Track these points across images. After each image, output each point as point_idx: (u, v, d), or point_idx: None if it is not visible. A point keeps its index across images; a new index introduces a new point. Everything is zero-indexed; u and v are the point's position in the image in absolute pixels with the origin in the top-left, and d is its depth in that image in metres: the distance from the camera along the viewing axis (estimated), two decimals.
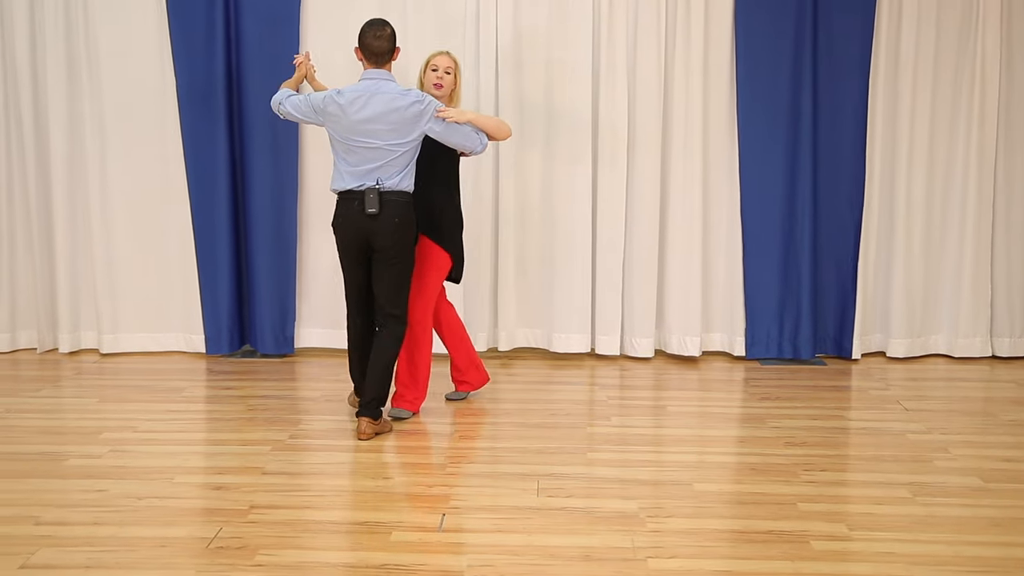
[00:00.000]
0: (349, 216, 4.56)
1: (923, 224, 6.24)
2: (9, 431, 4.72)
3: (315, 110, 4.62)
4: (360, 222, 4.54)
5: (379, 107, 4.49)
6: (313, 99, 4.62)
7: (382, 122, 4.49)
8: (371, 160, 4.52)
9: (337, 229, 4.64)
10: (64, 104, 6.10)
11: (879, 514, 3.74)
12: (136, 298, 6.29)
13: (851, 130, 6.11)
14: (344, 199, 4.59)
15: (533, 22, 6.06)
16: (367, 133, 4.49)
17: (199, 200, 6.10)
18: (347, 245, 4.63)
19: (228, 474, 4.15)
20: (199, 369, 5.96)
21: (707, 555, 3.37)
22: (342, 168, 4.59)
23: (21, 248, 6.30)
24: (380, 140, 4.50)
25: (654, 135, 6.09)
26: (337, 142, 4.59)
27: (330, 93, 4.56)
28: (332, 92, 4.57)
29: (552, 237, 6.20)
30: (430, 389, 5.47)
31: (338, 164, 4.61)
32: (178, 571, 3.24)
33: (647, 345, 6.24)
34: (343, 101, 4.51)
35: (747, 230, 6.16)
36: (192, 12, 5.96)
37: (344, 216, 4.58)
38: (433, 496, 3.91)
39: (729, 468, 4.25)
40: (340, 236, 4.63)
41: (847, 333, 6.24)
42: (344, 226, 4.59)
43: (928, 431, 4.81)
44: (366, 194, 4.51)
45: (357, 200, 4.53)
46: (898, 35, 6.08)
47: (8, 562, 3.30)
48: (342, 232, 4.61)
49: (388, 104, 4.49)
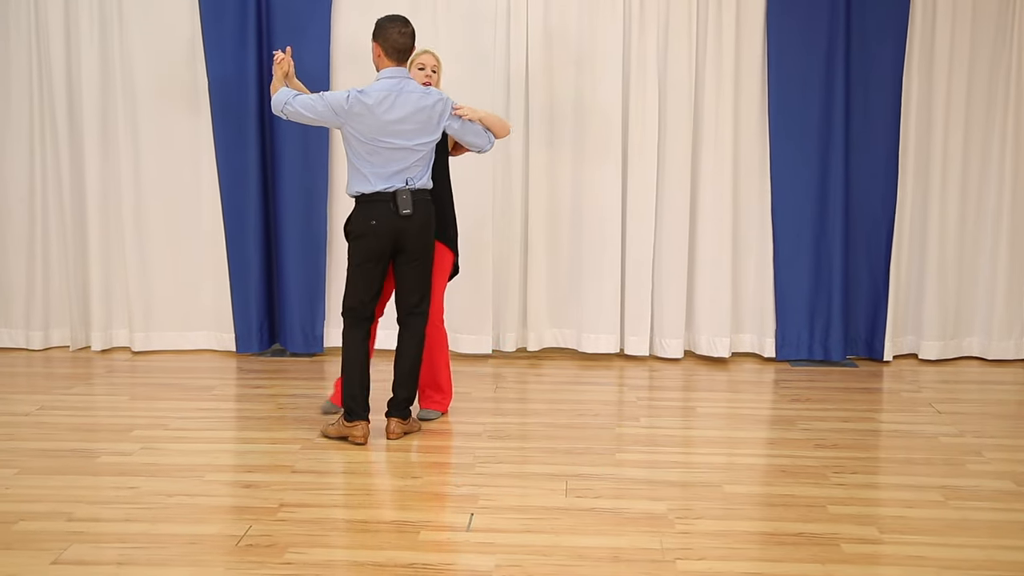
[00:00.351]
0: (381, 218, 4.43)
1: (957, 224, 6.17)
2: (42, 428, 4.77)
3: (334, 111, 4.41)
4: (394, 223, 4.45)
5: (408, 107, 4.44)
6: (332, 99, 4.42)
7: (411, 122, 4.45)
8: (397, 161, 4.45)
9: (365, 233, 4.45)
10: (97, 104, 6.15)
11: (911, 517, 3.71)
12: (167, 297, 6.34)
13: (884, 128, 6.05)
14: (371, 201, 4.45)
15: (563, 21, 6.05)
16: (395, 134, 4.43)
17: (230, 200, 6.14)
18: (377, 248, 4.47)
19: (258, 472, 4.17)
20: (229, 368, 6.00)
21: (736, 557, 3.35)
22: (366, 170, 4.45)
23: (55, 247, 6.37)
24: (407, 140, 4.45)
25: (684, 135, 6.06)
26: (360, 144, 4.44)
27: (353, 92, 4.42)
28: (354, 92, 4.42)
29: (581, 237, 6.19)
30: (456, 388, 5.48)
31: (359, 167, 4.45)
32: (208, 568, 3.26)
33: (676, 346, 6.21)
34: (370, 101, 4.39)
35: (778, 230, 6.12)
36: (224, 14, 5.99)
37: (377, 218, 4.43)
38: (461, 496, 3.91)
39: (759, 470, 4.22)
40: (370, 239, 4.45)
41: (879, 335, 6.19)
42: (376, 229, 4.44)
43: (961, 434, 4.76)
44: (398, 195, 4.44)
45: (388, 202, 4.44)
46: (933, 31, 6.02)
47: (41, 557, 3.33)
48: (374, 235, 4.44)
49: (416, 104, 4.46)
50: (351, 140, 4.46)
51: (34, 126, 6.25)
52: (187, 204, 6.27)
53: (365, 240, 4.47)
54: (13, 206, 6.32)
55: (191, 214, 6.27)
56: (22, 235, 6.34)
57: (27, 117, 6.25)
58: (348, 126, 4.43)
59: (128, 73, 6.13)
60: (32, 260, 6.35)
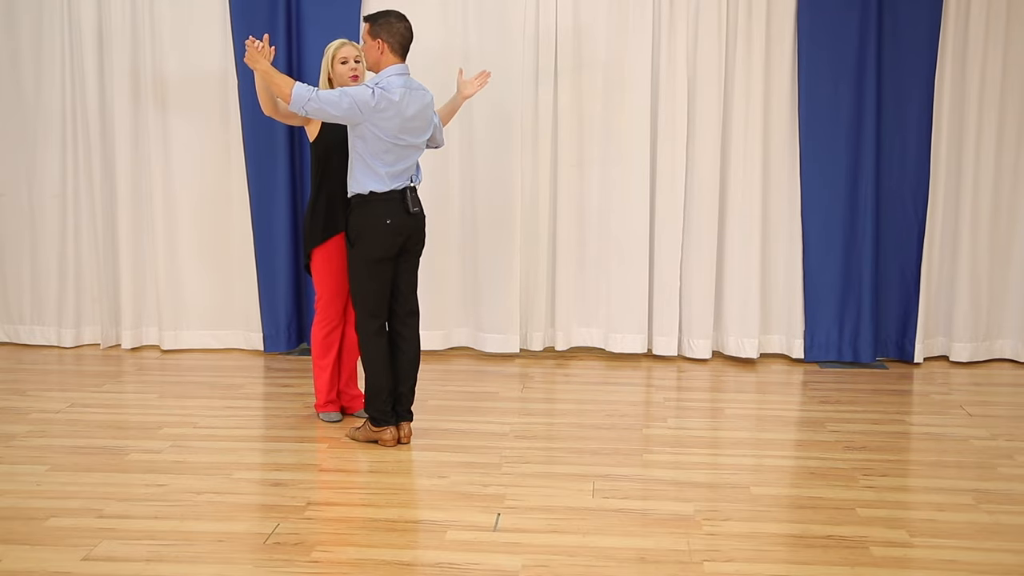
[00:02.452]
0: (395, 217, 4.39)
1: (989, 225, 6.10)
2: (73, 425, 4.81)
3: (359, 107, 4.25)
4: (405, 221, 4.42)
5: (417, 104, 4.40)
6: (356, 95, 4.26)
7: (420, 119, 4.43)
8: (406, 158, 4.42)
9: (383, 232, 4.38)
10: (128, 104, 6.19)
11: (941, 521, 3.67)
12: (197, 296, 6.38)
13: (916, 128, 5.99)
14: (382, 200, 4.37)
15: (592, 21, 6.03)
16: (410, 131, 4.40)
17: (259, 200, 6.16)
18: (392, 246, 4.41)
19: (285, 471, 4.19)
20: (257, 366, 6.03)
21: (764, 559, 3.34)
22: (379, 169, 4.35)
23: (86, 247, 6.42)
24: (417, 138, 4.44)
25: (713, 134, 6.03)
26: (378, 141, 4.32)
27: (376, 89, 4.28)
28: (377, 88, 4.29)
29: (609, 236, 6.18)
30: (483, 387, 5.48)
31: (373, 165, 4.35)
32: (236, 566, 3.28)
33: (704, 346, 6.18)
34: (395, 98, 4.31)
35: (807, 230, 6.08)
36: (255, 16, 6.01)
37: (391, 217, 4.39)
38: (488, 496, 3.91)
39: (787, 472, 4.20)
40: (386, 237, 4.39)
41: (909, 336, 6.13)
42: (392, 228, 4.39)
43: (992, 437, 4.71)
44: (407, 193, 4.43)
45: (399, 200, 4.41)
46: (966, 30, 5.95)
47: (72, 553, 3.36)
48: (391, 234, 4.39)
49: (422, 100, 4.44)
50: (369, 137, 4.34)
51: (66, 126, 6.30)
52: (216, 204, 6.30)
53: (381, 238, 4.39)
54: (46, 204, 6.38)
55: (220, 214, 6.31)
56: (54, 235, 6.40)
57: (59, 117, 6.30)
58: (370, 123, 4.31)
59: (159, 73, 6.17)
60: (64, 259, 6.41)
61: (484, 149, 6.11)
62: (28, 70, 6.29)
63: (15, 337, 6.52)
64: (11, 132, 6.35)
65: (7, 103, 6.33)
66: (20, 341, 6.51)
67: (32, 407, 5.11)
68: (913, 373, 5.97)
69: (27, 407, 5.10)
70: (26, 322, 6.52)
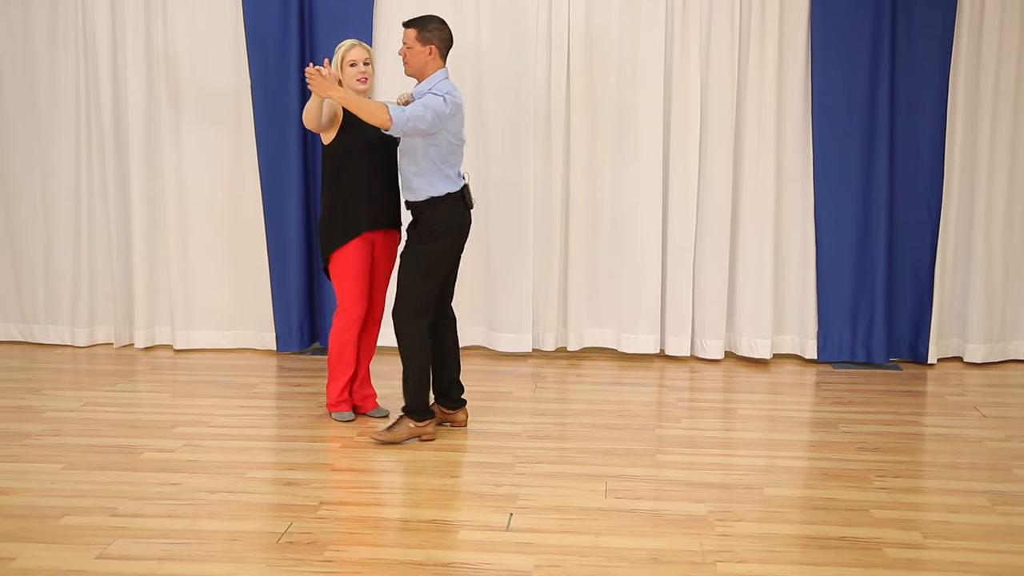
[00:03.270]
0: (466, 213, 4.58)
1: (1004, 225, 6.07)
2: (87, 424, 4.83)
3: (440, 118, 4.34)
4: (469, 217, 4.61)
5: None
6: (436, 107, 4.30)
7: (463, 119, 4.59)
8: (461, 157, 4.60)
9: (462, 224, 4.55)
10: (142, 105, 6.21)
11: (955, 522, 3.66)
12: (209, 296, 6.39)
13: (929, 129, 5.97)
14: (454, 199, 4.51)
15: (605, 21, 6.03)
16: (463, 132, 4.57)
17: (271, 200, 6.17)
18: (464, 239, 4.61)
19: (298, 470, 4.20)
20: (270, 366, 6.04)
21: (777, 560, 3.33)
22: (447, 171, 4.48)
23: (100, 247, 6.44)
24: (464, 137, 4.61)
25: (726, 134, 6.02)
26: (449, 145, 4.45)
27: (447, 96, 4.36)
28: (447, 95, 4.37)
29: (622, 237, 6.17)
30: (495, 387, 5.48)
31: (443, 168, 4.47)
32: (249, 565, 3.29)
33: (717, 347, 6.17)
34: (460, 101, 4.46)
35: (820, 230, 6.06)
36: (267, 16, 6.02)
37: (464, 214, 4.55)
38: (501, 495, 3.91)
39: (800, 473, 4.19)
40: (463, 230, 4.57)
41: (923, 337, 6.11)
42: (464, 224, 4.57)
43: (1007, 438, 4.69)
44: (466, 190, 4.59)
45: (464, 197, 4.57)
46: (980, 30, 5.93)
47: (86, 552, 3.38)
48: (465, 229, 4.58)
49: None
50: (443, 144, 4.44)
51: (80, 125, 6.32)
52: (229, 204, 6.31)
53: (459, 231, 4.55)
54: (60, 204, 6.40)
55: (233, 214, 6.32)
56: (68, 235, 6.42)
57: (73, 116, 6.32)
58: (445, 130, 4.41)
59: (172, 73, 6.18)
60: (78, 259, 6.43)
61: (497, 149, 6.11)
62: (43, 72, 6.32)
63: (29, 336, 6.55)
64: (26, 133, 6.38)
65: (22, 105, 6.35)
66: (34, 340, 6.53)
67: (46, 406, 5.13)
68: (927, 374, 5.95)
69: (41, 406, 5.13)
70: (40, 321, 6.54)
